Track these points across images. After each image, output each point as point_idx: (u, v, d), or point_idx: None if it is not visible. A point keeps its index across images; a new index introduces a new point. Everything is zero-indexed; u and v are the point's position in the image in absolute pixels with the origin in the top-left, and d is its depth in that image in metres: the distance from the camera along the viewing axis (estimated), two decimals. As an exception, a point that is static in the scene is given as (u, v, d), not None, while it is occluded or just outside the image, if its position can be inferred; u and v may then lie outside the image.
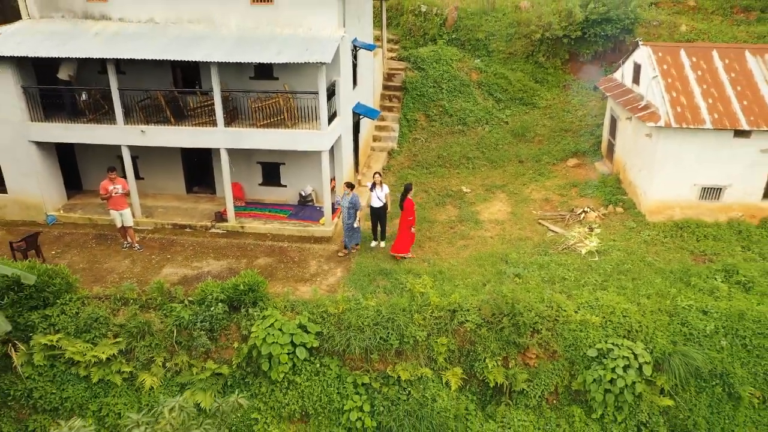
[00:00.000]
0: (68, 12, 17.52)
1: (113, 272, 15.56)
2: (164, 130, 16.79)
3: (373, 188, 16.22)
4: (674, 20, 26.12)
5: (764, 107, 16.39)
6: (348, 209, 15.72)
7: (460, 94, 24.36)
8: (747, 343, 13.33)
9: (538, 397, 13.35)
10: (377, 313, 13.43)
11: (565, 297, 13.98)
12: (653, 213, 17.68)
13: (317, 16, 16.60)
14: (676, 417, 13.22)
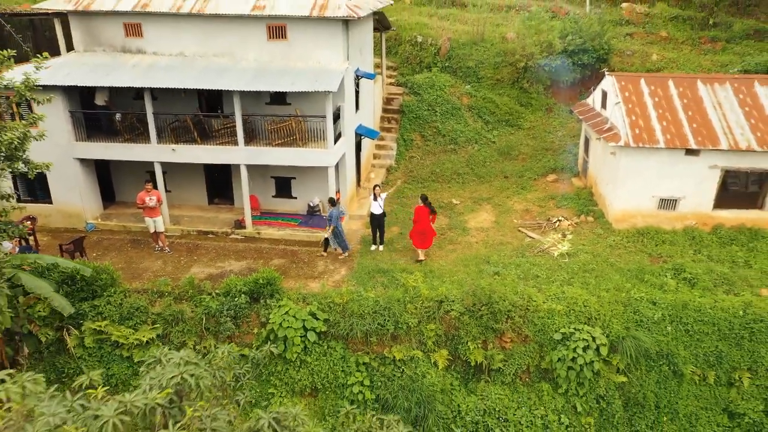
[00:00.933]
0: (108, 46, 20.19)
1: (148, 271, 18.03)
2: (192, 149, 19.35)
3: (375, 198, 18.74)
4: (646, 50, 28.81)
5: (711, 129, 18.94)
6: (333, 218, 18.22)
7: (452, 117, 26.97)
8: (689, 328, 15.72)
9: (513, 375, 15.73)
10: (376, 304, 15.86)
11: (536, 290, 16.41)
12: (619, 221, 20.17)
13: (325, 51, 19.25)
14: (629, 391, 15.59)
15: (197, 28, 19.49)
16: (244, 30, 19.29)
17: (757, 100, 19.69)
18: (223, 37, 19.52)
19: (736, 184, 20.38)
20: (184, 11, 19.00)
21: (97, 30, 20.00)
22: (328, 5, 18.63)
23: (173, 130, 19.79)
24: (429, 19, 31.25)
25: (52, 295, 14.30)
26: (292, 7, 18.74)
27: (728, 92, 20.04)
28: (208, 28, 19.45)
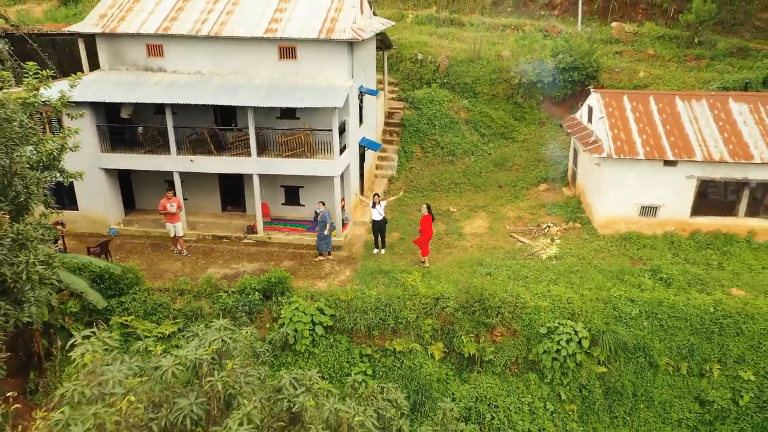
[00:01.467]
0: (132, 65, 21.90)
1: (168, 271, 19.61)
2: (208, 160, 20.99)
3: (374, 206, 20.33)
4: (634, 67, 30.46)
5: (687, 142, 20.52)
6: (321, 223, 19.81)
7: (450, 130, 28.60)
8: (663, 323, 17.22)
9: (503, 366, 17.21)
10: (378, 301, 17.40)
11: (524, 289, 17.94)
12: (603, 227, 21.71)
13: (331, 70, 20.92)
14: (608, 381, 17.06)
15: (214, 49, 21.19)
16: (257, 51, 20.99)
17: (730, 116, 21.29)
18: (237, 57, 21.22)
19: (715, 193, 21.94)
20: (202, 34, 20.72)
21: (122, 50, 21.72)
22: (334, 29, 20.33)
23: (191, 142, 21.44)
24: (429, 37, 32.99)
25: (88, 290, 15.90)
26: (302, 30, 20.44)
27: (704, 108, 21.65)
28: (223, 49, 21.15)
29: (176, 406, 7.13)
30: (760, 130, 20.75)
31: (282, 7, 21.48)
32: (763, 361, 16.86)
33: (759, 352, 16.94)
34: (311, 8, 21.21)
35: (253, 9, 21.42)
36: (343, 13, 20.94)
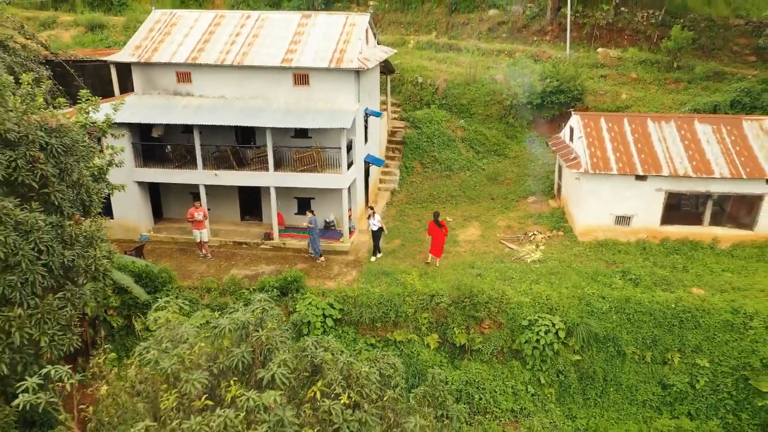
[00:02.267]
0: (163, 90, 24.65)
1: (195, 272, 22.19)
2: (230, 174, 23.64)
3: (369, 218, 22.91)
4: (617, 90, 33.14)
5: (656, 159, 23.10)
6: (312, 229, 22.46)
7: (448, 147, 31.25)
8: (630, 317, 19.67)
9: (490, 354, 19.67)
10: (381, 297, 19.92)
11: (509, 287, 20.44)
12: (583, 235, 24.24)
13: (340, 95, 23.62)
14: (582, 367, 19.50)
15: (236, 76, 23.94)
16: (274, 78, 23.73)
17: (695, 135, 23.88)
18: (257, 83, 23.95)
19: (687, 205, 24.49)
20: (226, 63, 23.48)
21: (154, 77, 24.49)
22: (343, 59, 23.06)
23: (215, 158, 24.12)
24: (428, 62, 35.76)
25: (133, 285, 18.50)
26: (314, 60, 23.19)
27: (672, 128, 24.26)
28: (245, 76, 23.90)
29: (231, 354, 9.70)
30: (720, 149, 23.33)
31: (296, 39, 24.26)
32: (717, 350, 19.28)
33: (714, 342, 19.37)
34: (322, 41, 23.99)
35: (271, 41, 24.20)
36: (350, 44, 23.70)
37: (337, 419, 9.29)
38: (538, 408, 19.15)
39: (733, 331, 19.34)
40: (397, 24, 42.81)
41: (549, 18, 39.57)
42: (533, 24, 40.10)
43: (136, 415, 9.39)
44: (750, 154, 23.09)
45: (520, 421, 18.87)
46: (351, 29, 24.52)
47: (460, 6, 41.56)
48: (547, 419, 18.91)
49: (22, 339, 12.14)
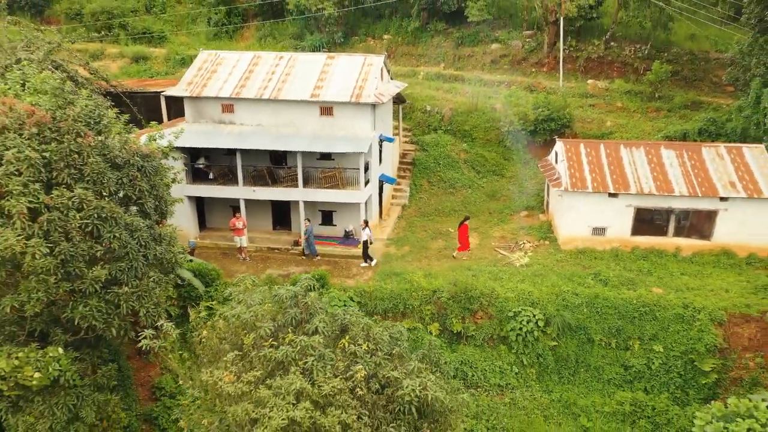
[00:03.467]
0: (209, 119, 29.26)
1: (237, 272, 26.51)
2: (265, 190, 28.09)
3: (363, 229, 27.16)
4: (603, 117, 37.37)
5: (625, 179, 27.25)
6: (309, 234, 26.83)
7: (452, 168, 35.56)
8: (599, 311, 23.72)
9: (481, 340, 23.80)
10: (392, 292, 24.16)
11: (499, 285, 24.60)
12: (565, 243, 28.36)
13: (359, 124, 28.07)
14: (558, 351, 23.55)
15: (272, 108, 28.50)
16: (303, 109, 28.26)
17: (660, 160, 28.04)
18: (289, 114, 28.48)
19: (660, 219, 28.51)
20: (264, 97, 28.06)
21: (203, 108, 29.12)
22: (362, 94, 27.55)
23: (253, 177, 28.61)
24: (436, 92, 40.22)
25: (192, 279, 22.93)
26: (337, 95, 27.70)
27: (641, 153, 28.44)
28: (279, 108, 28.45)
29: (287, 313, 14.00)
30: (681, 171, 27.45)
31: (322, 77, 28.82)
32: (669, 338, 23.26)
33: (667, 332, 23.36)
34: (344, 78, 28.53)
35: (301, 79, 28.78)
36: (368, 82, 28.21)
37: (359, 359, 13.54)
38: (521, 384, 23.24)
39: (683, 323, 23.34)
40: (409, 56, 47.35)
41: (546, 51, 43.91)
42: (531, 57, 44.44)
43: (222, 352, 13.71)
44: (706, 175, 27.19)
45: (505, 394, 22.96)
46: (368, 69, 29.05)
47: (465, 40, 46.01)
48: (528, 392, 22.99)
49: (127, 309, 16.54)
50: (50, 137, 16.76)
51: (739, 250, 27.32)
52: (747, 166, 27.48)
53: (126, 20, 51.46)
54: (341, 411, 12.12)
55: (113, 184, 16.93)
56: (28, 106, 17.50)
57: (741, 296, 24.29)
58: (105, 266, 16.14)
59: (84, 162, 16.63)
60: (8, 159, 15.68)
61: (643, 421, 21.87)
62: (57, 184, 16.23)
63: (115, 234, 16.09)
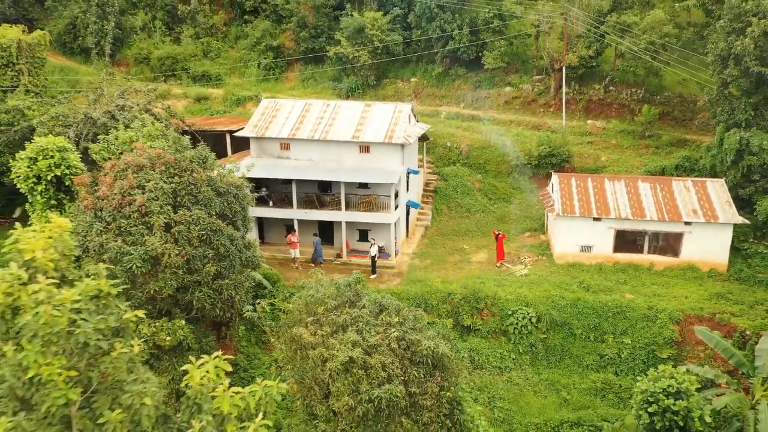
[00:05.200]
0: (270, 155, 36.30)
1: (291, 278, 33.24)
2: (314, 212, 34.90)
3: (371, 246, 33.63)
4: (599, 153, 43.64)
5: (607, 206, 33.46)
6: (317, 244, 33.45)
7: (468, 195, 42.04)
8: (580, 310, 29.85)
9: (486, 332, 30.05)
10: (416, 294, 30.61)
11: (501, 290, 30.89)
12: (558, 259, 34.56)
13: (391, 160, 34.82)
14: (547, 342, 29.68)
15: (320, 146, 35.45)
16: (346, 148, 35.15)
17: (637, 191, 34.23)
18: (334, 151, 35.38)
19: (641, 240, 34.55)
20: (314, 138, 35.06)
21: (265, 146, 36.22)
22: (393, 136, 34.37)
23: (304, 201, 35.48)
24: (455, 130, 46.92)
25: (262, 279, 29.67)
26: (374, 137, 34.57)
27: (622, 186, 34.67)
28: (326, 146, 35.39)
29: (344, 295, 20.59)
30: (654, 201, 33.59)
31: (361, 122, 35.75)
32: (636, 333, 29.24)
33: (635, 328, 29.36)
34: (379, 123, 35.41)
35: (344, 123, 35.75)
36: (398, 126, 35.05)
37: (392, 327, 20.04)
38: (516, 366, 29.41)
39: (647, 321, 29.36)
40: (433, 97, 54.21)
41: (552, 94, 50.41)
42: (540, 98, 50.95)
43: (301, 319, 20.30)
44: (674, 204, 33.31)
45: (504, 374, 29.14)
46: (399, 115, 35.93)
47: (482, 84, 52.72)
48: (522, 373, 29.15)
49: (227, 295, 23.30)
50: (174, 173, 23.83)
51: (703, 266, 33.25)
52: (708, 196, 33.54)
53: (187, 64, 59.29)
54: (381, 356, 18.60)
55: (217, 206, 23.88)
56: (157, 150, 24.66)
57: (697, 302, 30.25)
58: (214, 264, 22.97)
59: (198, 191, 23.65)
60: (149, 188, 22.74)
61: (611, 395, 27.84)
62: (180, 206, 23.20)
63: (221, 242, 22.98)
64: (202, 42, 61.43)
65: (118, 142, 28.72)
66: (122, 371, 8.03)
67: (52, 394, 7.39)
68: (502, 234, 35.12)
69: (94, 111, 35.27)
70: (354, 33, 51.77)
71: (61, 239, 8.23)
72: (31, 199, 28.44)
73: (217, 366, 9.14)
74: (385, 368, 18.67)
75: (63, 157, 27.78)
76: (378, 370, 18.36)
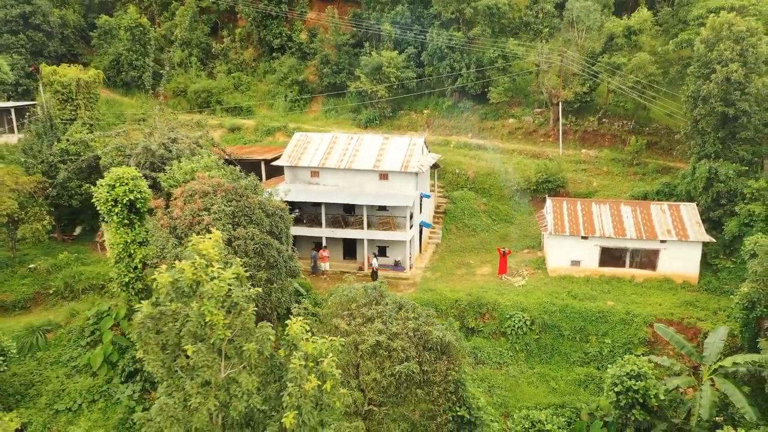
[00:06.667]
0: (301, 181, 42.03)
1: (321, 287, 38.71)
2: (340, 231, 40.46)
3: (372, 259, 39.05)
4: (591, 179, 49.00)
5: (593, 226, 38.74)
6: (314, 258, 38.89)
7: (474, 216, 47.47)
8: (568, 315, 35.03)
9: (488, 333, 35.30)
10: (428, 300, 35.93)
11: (501, 297, 36.18)
12: (552, 272, 39.82)
13: (406, 186, 40.41)
14: (540, 342, 34.86)
15: (346, 174, 41.15)
16: (367, 175, 40.81)
17: (620, 213, 39.53)
18: (357, 178, 41.04)
19: (623, 255, 39.72)
20: (341, 167, 40.78)
21: (297, 173, 41.98)
22: (408, 166, 39.99)
23: (331, 221, 41.08)
24: (463, 158, 52.52)
25: (298, 287, 35.17)
26: (391, 166, 40.22)
27: (607, 209, 40.00)
28: (351, 174, 41.08)
29: (371, 295, 26.05)
30: (634, 222, 38.85)
31: (381, 152, 41.44)
32: (616, 335, 34.35)
33: (614, 330, 34.49)
34: (396, 155, 41.07)
35: (366, 154, 41.45)
36: (413, 157, 40.70)
37: (409, 320, 25.44)
38: (513, 362, 34.58)
39: (625, 324, 34.49)
40: (443, 127, 59.94)
41: (551, 125, 55.96)
42: (540, 129, 56.52)
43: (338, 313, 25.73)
44: (651, 225, 38.55)
45: (502, 368, 34.32)
46: (413, 147, 41.58)
47: (488, 116, 58.42)
48: (518, 368, 34.31)
49: (276, 297, 28.82)
50: (232, 198, 29.52)
51: (677, 278, 38.38)
52: (681, 218, 38.78)
53: (220, 97, 65.51)
54: (401, 341, 23.98)
55: (267, 225, 29.53)
56: (217, 179, 30.40)
57: (669, 308, 35.37)
58: (265, 272, 28.54)
59: (252, 212, 29.31)
60: (214, 210, 28.43)
61: (592, 386, 32.89)
62: (238, 225, 28.84)
63: (271, 254, 28.57)
64: (234, 76, 67.75)
65: (181, 172, 34.49)
66: (252, 321, 13.49)
67: (216, 333, 12.83)
68: (507, 251, 40.38)
69: (151, 143, 41.15)
70: (372, 70, 57.75)
71: (217, 244, 13.74)
72: (108, 219, 34.14)
73: (302, 325, 14.63)
74: (404, 351, 24.04)
75: (135, 184, 33.53)
76: (398, 352, 23.74)
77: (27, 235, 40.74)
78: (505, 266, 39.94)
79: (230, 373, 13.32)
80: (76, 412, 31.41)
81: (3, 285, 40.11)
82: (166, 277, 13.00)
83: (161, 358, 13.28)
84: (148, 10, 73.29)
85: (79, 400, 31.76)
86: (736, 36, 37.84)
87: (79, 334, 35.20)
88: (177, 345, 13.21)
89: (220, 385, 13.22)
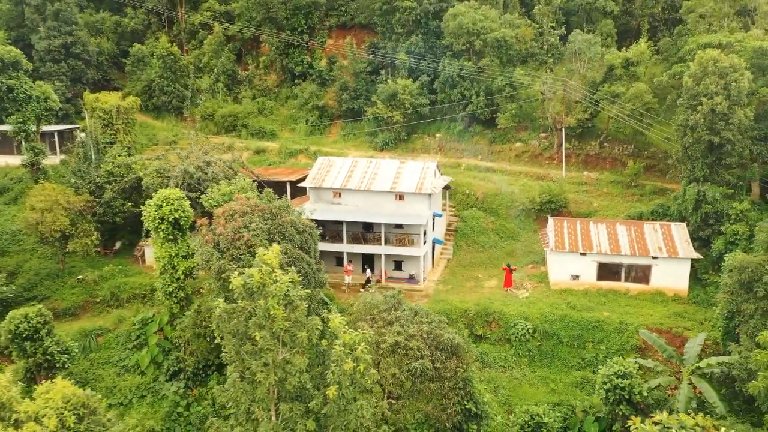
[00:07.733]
0: (324, 201, 46.14)
1: (341, 297, 42.58)
2: (359, 246, 44.43)
3: (371, 271, 42.87)
4: (591, 200, 52.73)
5: (591, 244, 42.41)
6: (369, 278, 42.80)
7: (483, 234, 51.29)
8: (567, 324, 38.67)
9: (494, 340, 38.99)
10: (439, 310, 39.69)
11: (506, 307, 39.90)
12: (553, 286, 43.50)
13: (420, 206, 44.38)
14: (541, 348, 38.51)
15: (365, 195, 45.23)
16: (385, 196, 44.86)
17: (616, 232, 43.24)
18: (375, 199, 45.10)
19: (619, 270, 43.32)
20: (361, 188, 44.90)
21: (321, 194, 46.13)
22: (422, 188, 44.02)
23: (352, 238, 45.07)
24: (473, 179, 56.47)
25: (324, 297, 39.13)
26: (407, 188, 44.27)
27: (603, 228, 43.73)
28: (369, 195, 45.15)
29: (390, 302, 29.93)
30: (628, 240, 42.54)
31: (397, 175, 45.53)
32: (610, 342, 37.92)
33: (609, 337, 38.09)
34: (411, 178, 45.13)
35: (383, 177, 45.55)
36: (426, 179, 44.74)
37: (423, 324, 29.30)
38: (517, 366, 38.23)
39: (619, 332, 38.10)
40: (454, 150, 63.95)
41: (556, 149, 59.84)
42: (545, 152, 60.41)
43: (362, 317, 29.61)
44: (644, 242, 42.22)
45: (507, 372, 37.98)
46: (427, 170, 45.64)
47: (497, 139, 62.43)
48: (521, 371, 37.96)
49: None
50: (268, 217, 33.64)
51: (668, 291, 41.94)
52: (672, 236, 42.43)
53: (246, 120, 69.92)
54: (416, 342, 27.83)
55: (298, 240, 33.59)
56: (254, 200, 34.57)
57: (660, 318, 38.94)
58: (297, 281, 32.52)
59: (285, 230, 33.41)
60: (252, 228, 32.56)
61: (587, 388, 36.40)
62: (273, 241, 32.91)
63: (302, 266, 32.60)
64: (258, 101, 72.33)
65: (220, 193, 38.71)
66: (304, 315, 17.46)
67: (276, 323, 16.78)
68: (513, 268, 44.10)
69: (188, 166, 45.43)
70: (388, 97, 62.05)
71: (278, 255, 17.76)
72: (154, 235, 38.33)
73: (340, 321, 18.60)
74: (419, 350, 27.89)
75: (179, 204, 37.74)
76: (414, 351, 27.59)
77: (77, 249, 45.07)
78: (510, 280, 43.66)
79: (286, 356, 17.25)
80: (127, 406, 35.44)
81: (54, 294, 44.45)
82: (239, 280, 17.01)
83: (232, 343, 17.23)
84: (177, 38, 78.31)
85: (130, 395, 35.80)
86: (720, 71, 41.63)
87: (126, 338, 39.36)
88: (244, 334, 17.13)
89: (278, 365, 17.15)
